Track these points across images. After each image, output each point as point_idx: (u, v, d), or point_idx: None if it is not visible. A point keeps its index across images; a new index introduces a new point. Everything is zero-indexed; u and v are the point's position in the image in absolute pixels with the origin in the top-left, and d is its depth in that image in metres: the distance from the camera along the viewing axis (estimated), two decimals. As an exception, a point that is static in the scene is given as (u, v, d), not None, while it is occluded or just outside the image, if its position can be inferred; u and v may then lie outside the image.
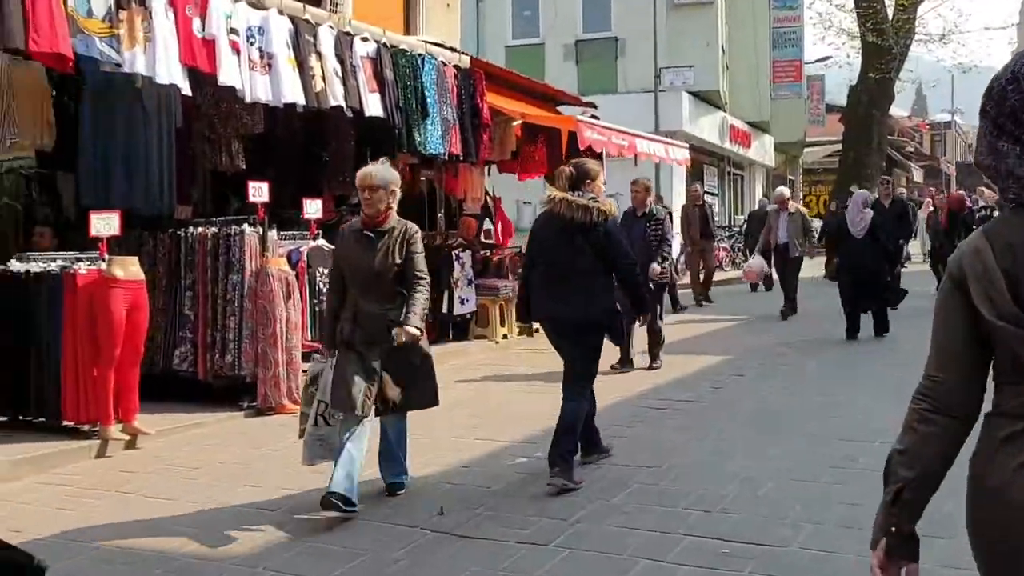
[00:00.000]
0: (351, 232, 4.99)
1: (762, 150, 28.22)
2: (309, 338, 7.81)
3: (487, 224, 13.72)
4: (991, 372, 1.80)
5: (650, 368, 8.96)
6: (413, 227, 4.95)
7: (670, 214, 12.56)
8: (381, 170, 4.89)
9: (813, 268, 13.37)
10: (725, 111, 23.96)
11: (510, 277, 12.15)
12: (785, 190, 14.24)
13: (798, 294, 13.17)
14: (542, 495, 5.03)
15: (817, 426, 6.51)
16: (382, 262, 4.80)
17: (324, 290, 7.99)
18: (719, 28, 22.61)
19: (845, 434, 6.21)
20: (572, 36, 22.17)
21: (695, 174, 22.90)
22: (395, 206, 4.93)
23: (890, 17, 25.10)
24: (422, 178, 12.93)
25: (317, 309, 7.94)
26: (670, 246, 9.30)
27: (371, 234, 4.87)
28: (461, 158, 10.22)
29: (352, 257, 4.92)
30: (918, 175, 42.32)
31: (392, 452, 5.16)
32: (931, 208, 21.00)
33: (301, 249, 7.94)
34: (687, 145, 16.24)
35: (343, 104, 8.21)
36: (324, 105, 8.01)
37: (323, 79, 8.00)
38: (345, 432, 4.75)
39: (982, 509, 1.77)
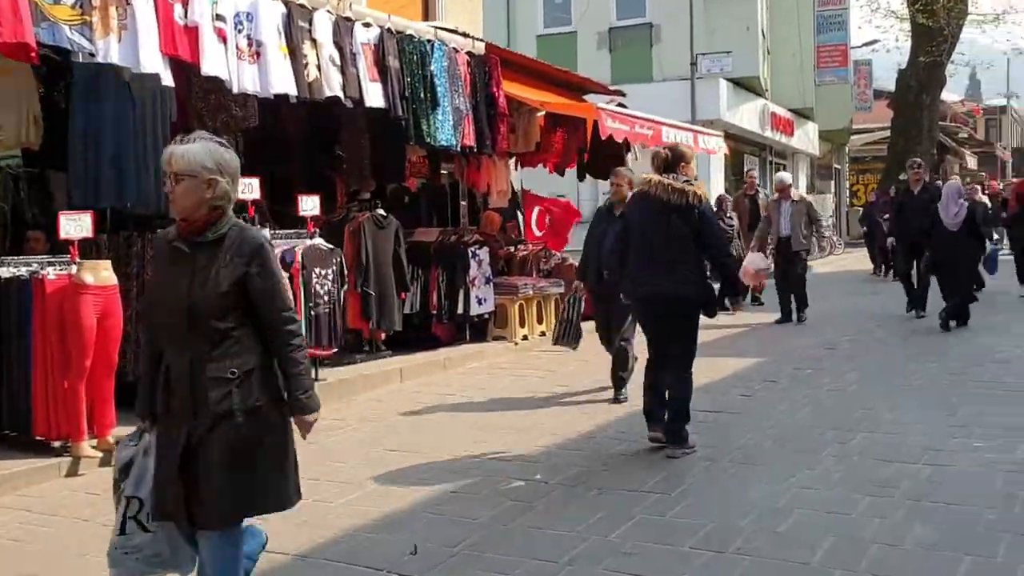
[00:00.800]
0: (165, 244, 3.27)
1: (806, 138, 27.23)
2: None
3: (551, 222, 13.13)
4: None
5: (615, 401, 7.27)
6: (256, 236, 3.23)
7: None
8: (190, 150, 3.13)
9: (856, 262, 12.61)
10: (766, 98, 23.09)
11: (535, 274, 11.60)
12: (786, 176, 12.88)
13: (808, 292, 12.10)
14: (535, 528, 4.46)
15: (855, 444, 5.84)
16: (199, 290, 3.11)
17: (320, 293, 7.55)
18: (760, 12, 21.76)
19: (886, 454, 5.54)
20: (605, 23, 21.47)
21: (735, 164, 22.13)
22: (229, 206, 3.20)
23: (941, -3, 24.03)
24: (443, 171, 12.45)
25: (313, 313, 7.45)
26: None
27: (184, 247, 3.18)
28: (475, 150, 9.65)
29: (160, 282, 3.30)
30: (972, 162, 40.77)
31: None
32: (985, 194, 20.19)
33: (295, 249, 7.43)
34: (721, 134, 15.48)
35: (340, 94, 7.70)
36: (318, 96, 7.50)
37: (318, 68, 7.48)
38: (188, 543, 3.30)
39: None
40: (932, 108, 25.24)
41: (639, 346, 6.27)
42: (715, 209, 12.87)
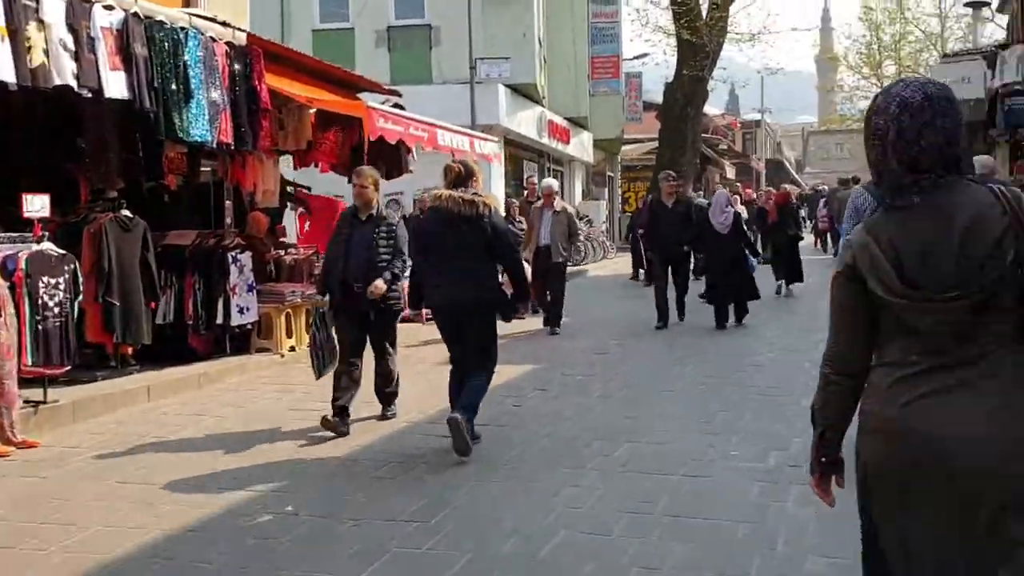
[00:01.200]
0: None
1: (581, 146, 28.00)
2: (29, 363, 6.48)
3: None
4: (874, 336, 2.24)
5: (383, 418, 6.95)
6: None
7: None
8: None
9: (627, 266, 12.90)
10: (543, 106, 23.48)
11: (305, 280, 11.03)
12: (553, 183, 12.70)
13: (566, 299, 12.00)
14: (276, 571, 4.04)
15: (619, 455, 5.80)
16: None
17: (49, 304, 6.73)
18: (536, 20, 22.05)
19: (647, 465, 5.53)
20: (384, 22, 21.03)
21: (515, 170, 22.35)
22: None
23: (704, 15, 25.36)
24: (204, 168, 11.61)
25: (40, 328, 6.62)
26: (404, 261, 6.77)
27: None
28: (233, 146, 9.00)
29: None
30: (731, 171, 43.59)
31: None
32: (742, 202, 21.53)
33: (18, 255, 6.57)
34: (498, 139, 15.49)
35: (72, 83, 6.89)
36: (44, 83, 6.66)
37: (45, 52, 6.65)
38: None
39: (874, 439, 2.22)
40: (696, 120, 26.57)
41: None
42: (504, 215, 12.76)
